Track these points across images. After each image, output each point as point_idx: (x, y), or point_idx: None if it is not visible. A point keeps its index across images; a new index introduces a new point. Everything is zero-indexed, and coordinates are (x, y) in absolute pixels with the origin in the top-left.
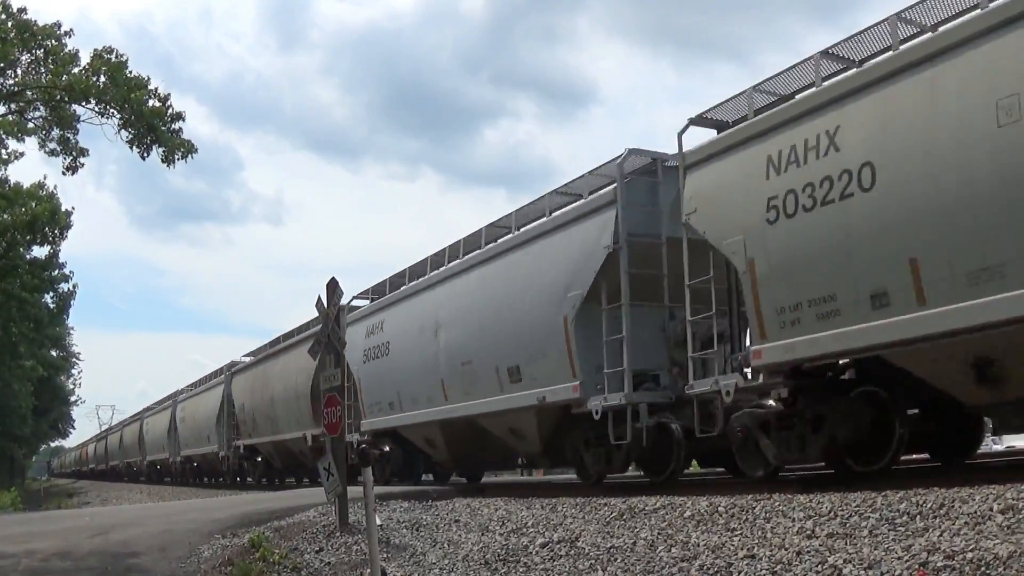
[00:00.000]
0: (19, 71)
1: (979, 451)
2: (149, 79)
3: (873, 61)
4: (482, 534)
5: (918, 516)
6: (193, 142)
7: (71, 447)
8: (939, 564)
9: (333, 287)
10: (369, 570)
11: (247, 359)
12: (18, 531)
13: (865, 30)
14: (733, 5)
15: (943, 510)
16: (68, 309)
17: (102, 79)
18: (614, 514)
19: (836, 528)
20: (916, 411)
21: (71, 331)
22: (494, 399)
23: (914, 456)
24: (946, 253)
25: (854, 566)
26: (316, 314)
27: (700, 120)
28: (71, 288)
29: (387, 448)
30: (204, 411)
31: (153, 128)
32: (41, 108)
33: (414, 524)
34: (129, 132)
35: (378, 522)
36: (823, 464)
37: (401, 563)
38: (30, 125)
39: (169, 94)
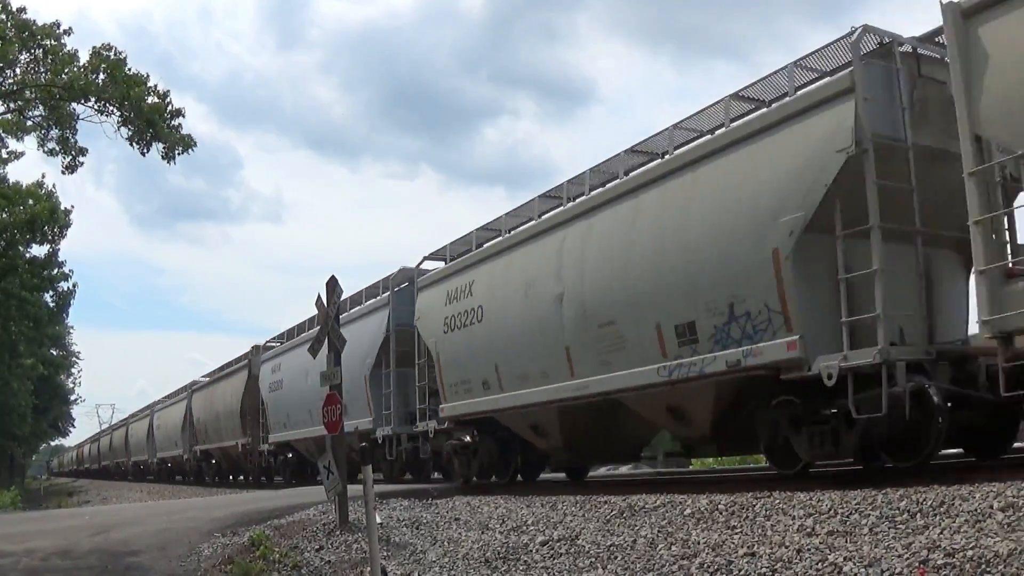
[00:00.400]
0: (18, 70)
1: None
2: (148, 76)
3: (491, 242)
4: (482, 532)
5: (918, 514)
6: (192, 136)
7: (71, 446)
8: (939, 562)
9: (332, 286)
10: (369, 568)
11: (205, 379)
12: (18, 530)
13: (512, 211)
14: (733, 4)
15: (943, 508)
16: (67, 308)
17: (101, 77)
18: (614, 512)
19: (836, 526)
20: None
21: (71, 330)
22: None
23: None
24: (509, 363)
25: (854, 564)
26: (249, 348)
27: (431, 256)
28: (70, 287)
29: (290, 455)
30: (173, 420)
31: (152, 124)
32: (40, 107)
33: (414, 522)
34: (128, 129)
35: (378, 520)
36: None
37: (401, 561)
38: (29, 124)
39: (168, 90)
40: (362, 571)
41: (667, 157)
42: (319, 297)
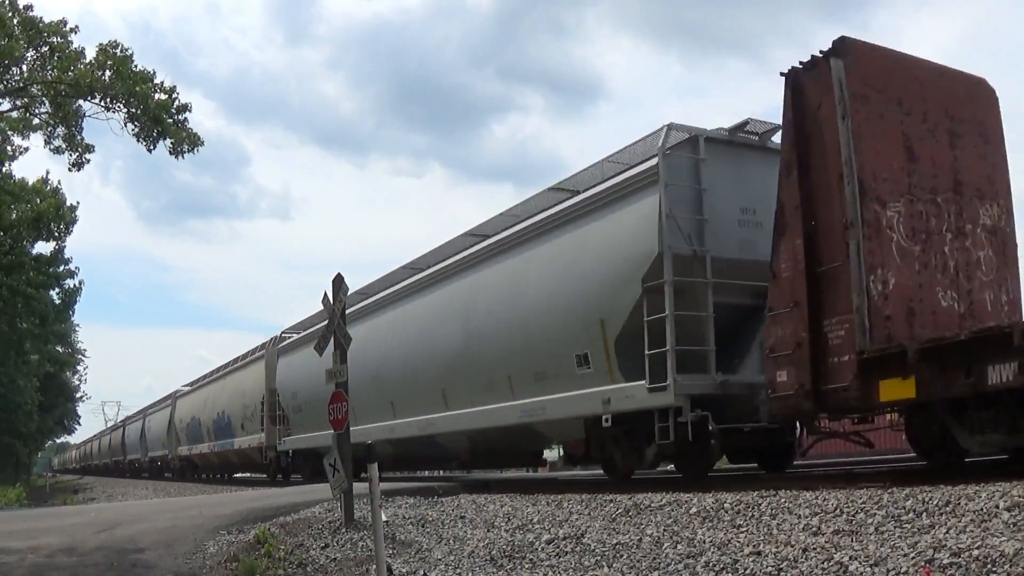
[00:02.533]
0: (24, 67)
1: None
2: (154, 73)
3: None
4: (488, 530)
5: (924, 513)
6: (199, 135)
7: (76, 443)
8: (945, 561)
9: (338, 283)
10: (375, 566)
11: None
12: (24, 527)
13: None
14: None
15: (949, 507)
16: (74, 305)
17: (107, 73)
18: (620, 510)
19: (842, 525)
20: None
21: (77, 327)
22: None
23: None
24: None
25: (860, 563)
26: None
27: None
28: (76, 284)
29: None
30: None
31: (159, 121)
32: (46, 104)
33: (420, 520)
34: (135, 125)
35: (384, 518)
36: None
37: (407, 559)
38: (35, 121)
39: (175, 86)
40: (367, 569)
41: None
42: (325, 295)
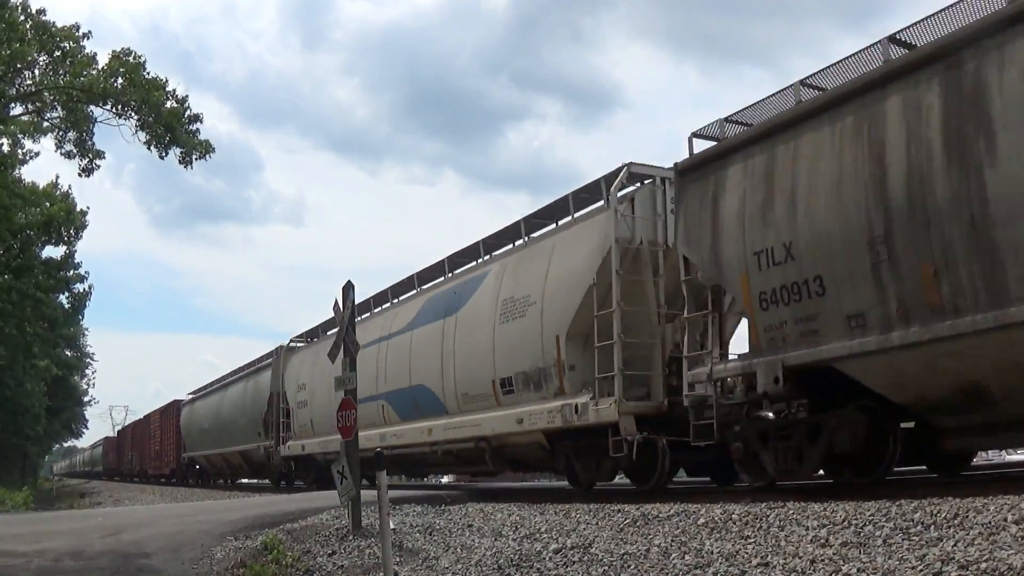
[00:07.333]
0: (36, 72)
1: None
2: (167, 80)
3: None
4: (495, 539)
5: (932, 526)
6: (211, 142)
7: (83, 447)
8: (953, 574)
9: (348, 290)
10: (382, 574)
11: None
12: (30, 530)
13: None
14: (758, 8)
15: (957, 520)
16: (83, 309)
17: (120, 81)
18: (628, 520)
19: (850, 537)
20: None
21: (85, 331)
22: None
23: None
24: None
25: (868, 575)
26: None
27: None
28: (86, 288)
29: None
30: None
31: (171, 129)
32: (58, 109)
33: (427, 528)
34: (146, 133)
35: (391, 526)
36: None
37: (414, 567)
38: (46, 125)
39: (187, 96)
40: None
41: None
42: (336, 302)
